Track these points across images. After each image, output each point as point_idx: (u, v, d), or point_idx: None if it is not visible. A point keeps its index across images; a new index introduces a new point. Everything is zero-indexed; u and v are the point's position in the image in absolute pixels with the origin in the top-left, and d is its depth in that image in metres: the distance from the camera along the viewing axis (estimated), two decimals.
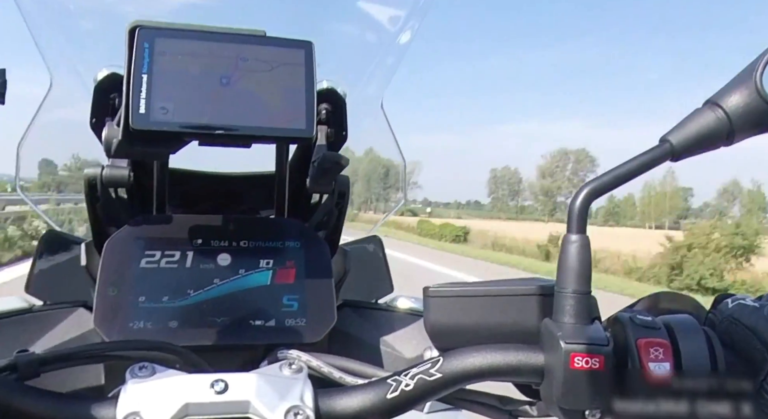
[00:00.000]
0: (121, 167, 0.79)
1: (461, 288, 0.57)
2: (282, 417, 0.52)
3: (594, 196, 0.50)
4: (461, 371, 0.52)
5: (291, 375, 0.57)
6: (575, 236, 0.49)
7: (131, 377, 0.54)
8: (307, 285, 0.80)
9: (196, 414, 0.51)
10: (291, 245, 0.82)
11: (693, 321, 0.51)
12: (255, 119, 0.63)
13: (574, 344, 0.47)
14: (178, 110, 0.61)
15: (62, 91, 0.90)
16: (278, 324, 0.77)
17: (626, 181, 0.51)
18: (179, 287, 0.76)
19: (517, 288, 0.56)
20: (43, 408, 0.50)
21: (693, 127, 0.52)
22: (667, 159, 0.52)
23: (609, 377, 0.48)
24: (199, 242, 0.80)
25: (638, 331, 0.49)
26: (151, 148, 0.64)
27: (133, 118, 0.59)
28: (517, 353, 0.51)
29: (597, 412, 0.49)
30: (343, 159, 0.78)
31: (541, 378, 0.51)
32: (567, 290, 0.49)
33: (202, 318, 0.75)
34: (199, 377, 0.54)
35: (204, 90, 0.62)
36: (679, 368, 0.48)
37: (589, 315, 0.49)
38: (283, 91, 0.64)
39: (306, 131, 0.64)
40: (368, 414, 0.54)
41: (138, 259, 0.77)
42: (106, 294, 0.74)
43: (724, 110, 0.51)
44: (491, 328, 0.56)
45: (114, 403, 0.51)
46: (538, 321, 0.53)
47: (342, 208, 0.89)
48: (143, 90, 0.60)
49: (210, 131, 0.62)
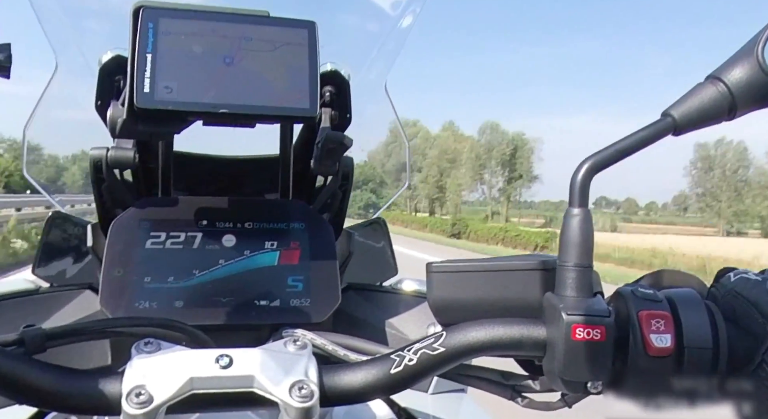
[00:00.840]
0: (126, 148, 0.79)
1: (464, 264, 0.57)
2: (286, 392, 0.52)
3: (596, 170, 0.50)
4: (464, 345, 0.52)
5: (295, 351, 0.57)
6: (577, 210, 0.50)
7: (137, 352, 0.54)
8: (312, 266, 0.81)
9: (201, 388, 0.52)
10: (296, 226, 0.83)
11: (695, 294, 0.52)
12: (258, 99, 0.63)
13: (576, 315, 0.48)
14: (182, 89, 0.61)
15: (67, 73, 0.90)
16: (283, 304, 0.78)
17: (627, 155, 0.51)
18: (185, 268, 0.77)
19: (519, 263, 0.56)
20: (49, 382, 0.50)
21: (695, 101, 0.52)
22: (668, 133, 0.52)
23: (610, 349, 0.48)
24: (205, 223, 0.80)
25: (640, 303, 0.50)
26: (155, 127, 0.65)
27: (138, 97, 0.60)
28: (519, 327, 0.52)
29: (599, 384, 0.49)
30: (346, 139, 0.79)
31: (543, 352, 0.51)
32: (569, 264, 0.49)
33: (208, 298, 0.76)
34: (204, 352, 0.54)
35: (208, 69, 0.63)
36: (680, 340, 0.48)
37: (591, 289, 0.49)
38: (287, 71, 0.65)
39: (309, 110, 0.64)
40: (372, 389, 0.54)
41: (143, 240, 0.78)
42: (112, 275, 0.75)
43: (726, 84, 0.51)
44: (494, 303, 0.56)
45: (120, 377, 0.52)
46: (541, 296, 0.53)
47: (346, 189, 0.89)
48: (147, 69, 0.60)
49: (214, 110, 0.62)
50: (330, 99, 0.88)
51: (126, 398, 0.50)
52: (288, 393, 0.52)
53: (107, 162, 0.79)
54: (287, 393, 0.52)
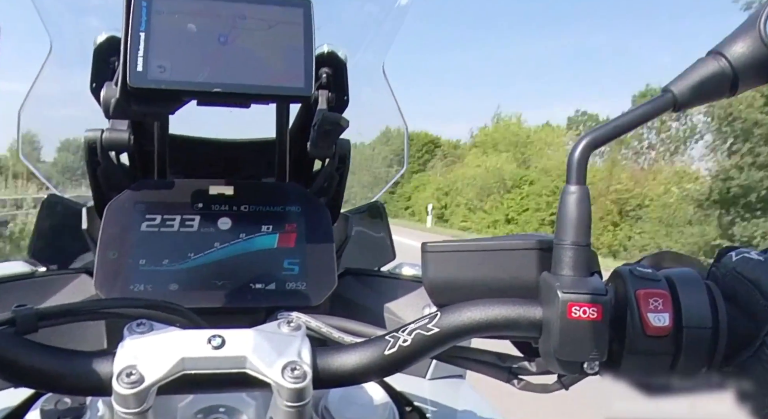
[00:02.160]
0: (121, 130, 0.79)
1: (459, 243, 0.57)
2: (279, 373, 0.52)
3: (594, 146, 0.49)
4: (459, 325, 0.52)
5: (289, 333, 0.57)
6: (574, 187, 0.49)
7: (129, 333, 0.54)
8: (308, 249, 0.80)
9: (193, 368, 0.51)
10: (292, 209, 0.82)
11: (694, 273, 0.51)
12: (253, 78, 0.63)
13: (572, 294, 0.47)
14: (176, 68, 0.61)
15: (62, 55, 0.89)
16: (279, 287, 0.77)
17: (627, 131, 0.50)
18: (180, 250, 0.76)
19: (515, 242, 0.55)
20: (40, 361, 0.50)
21: (696, 77, 0.51)
22: (669, 109, 0.51)
23: (607, 328, 0.47)
24: (200, 206, 0.80)
25: (637, 283, 0.49)
26: (149, 107, 0.64)
27: (131, 76, 0.59)
28: (515, 307, 0.51)
29: (595, 364, 0.48)
30: (342, 120, 0.78)
31: (539, 333, 0.50)
32: (566, 242, 0.49)
33: (203, 281, 0.76)
34: (196, 332, 0.54)
35: (202, 48, 0.62)
36: (678, 320, 0.47)
37: (589, 268, 0.49)
38: (282, 50, 0.64)
39: (305, 90, 0.64)
40: (366, 371, 0.54)
41: (139, 223, 0.77)
42: (107, 258, 0.74)
43: (728, 59, 0.50)
44: (490, 283, 0.55)
45: (111, 358, 0.51)
46: (537, 276, 0.53)
47: (343, 173, 0.88)
48: (141, 48, 0.60)
49: (208, 89, 0.61)
50: (327, 81, 0.87)
51: (117, 378, 0.49)
52: (280, 374, 0.52)
53: (102, 144, 0.78)
54: (280, 374, 0.52)
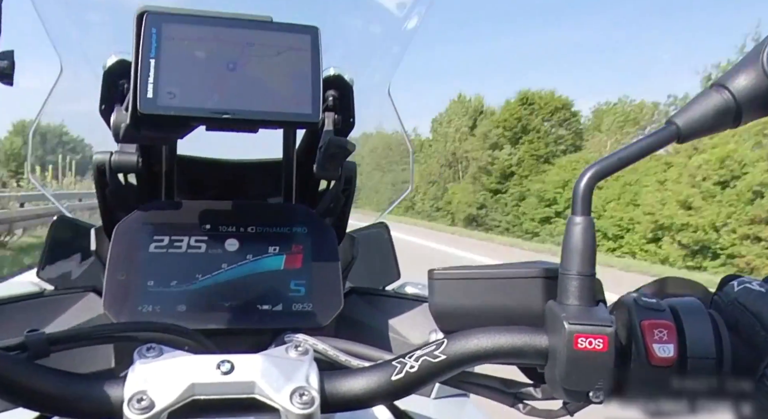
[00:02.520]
0: (130, 153, 0.79)
1: (466, 271, 0.57)
2: (287, 398, 0.52)
3: (598, 177, 0.50)
4: (465, 353, 0.52)
5: (297, 357, 0.57)
6: (579, 218, 0.49)
7: (139, 357, 0.54)
8: (315, 270, 0.81)
9: (202, 393, 0.52)
10: (298, 231, 0.83)
11: (698, 303, 0.51)
12: (261, 104, 0.63)
13: (578, 325, 0.47)
14: (185, 94, 0.61)
15: (72, 77, 0.90)
16: (285, 308, 0.78)
17: (631, 163, 0.51)
18: (187, 271, 0.77)
19: (521, 270, 0.56)
20: (51, 386, 0.50)
21: (699, 109, 0.52)
22: (672, 141, 0.52)
23: (612, 358, 0.47)
24: (208, 227, 0.80)
25: (643, 313, 0.49)
26: (158, 132, 0.65)
27: (141, 102, 0.60)
28: (521, 335, 0.52)
29: (600, 393, 0.49)
30: (349, 144, 0.79)
31: (545, 361, 0.51)
32: (571, 272, 0.49)
33: (210, 302, 0.76)
34: (205, 358, 0.54)
35: (211, 75, 0.63)
36: (683, 350, 0.48)
37: (593, 297, 0.49)
38: (290, 76, 0.65)
39: (312, 116, 0.64)
40: (373, 396, 0.54)
41: (147, 244, 0.78)
42: (116, 279, 0.75)
43: (731, 92, 0.51)
44: (496, 311, 0.56)
45: (122, 382, 0.52)
46: (543, 304, 0.53)
47: (349, 194, 0.89)
48: (151, 74, 0.60)
49: (217, 115, 0.62)
50: (333, 103, 0.88)
51: (128, 403, 0.50)
52: (289, 399, 0.52)
53: (111, 166, 0.79)
54: (288, 400, 0.52)
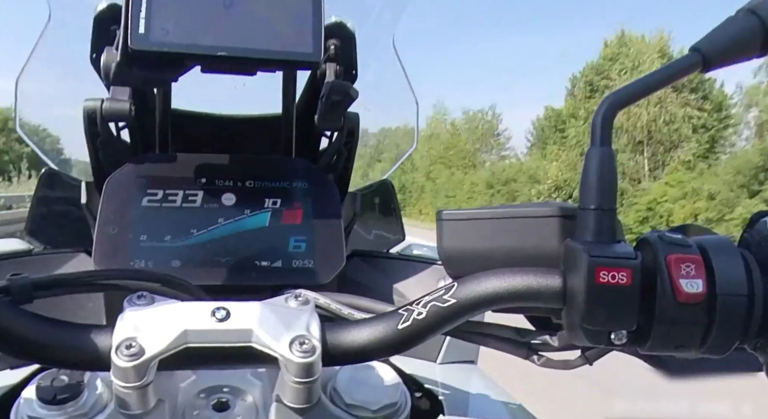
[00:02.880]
0: (122, 100, 0.76)
1: (477, 211, 0.54)
2: (286, 347, 0.49)
3: (618, 106, 0.46)
4: (477, 296, 0.49)
5: (297, 307, 0.55)
6: (599, 149, 0.46)
7: (129, 305, 0.51)
8: (315, 226, 0.78)
9: (196, 341, 0.49)
10: (298, 185, 0.80)
11: (728, 240, 0.48)
12: (259, 42, 0.60)
13: (600, 258, 0.44)
14: (180, 31, 0.58)
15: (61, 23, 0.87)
16: (285, 265, 0.75)
17: (653, 91, 0.48)
18: (182, 226, 0.74)
19: (536, 209, 0.52)
20: (35, 332, 0.48)
21: (725, 35, 0.48)
22: (696, 69, 0.48)
23: (637, 294, 0.44)
24: (203, 181, 0.77)
25: (668, 248, 0.46)
26: (151, 72, 0.62)
27: (132, 38, 0.57)
28: (536, 276, 0.48)
29: (623, 334, 0.45)
30: (352, 89, 0.75)
31: (563, 303, 0.47)
32: (590, 206, 0.46)
33: (206, 257, 0.74)
34: (199, 304, 0.52)
35: (207, 11, 0.60)
36: (712, 287, 0.44)
37: (614, 234, 0.46)
38: (290, 14, 0.61)
39: (313, 55, 0.61)
40: (379, 346, 0.51)
41: (140, 198, 0.75)
42: (106, 233, 0.72)
43: (760, 17, 0.48)
44: (509, 253, 0.52)
45: (110, 330, 0.49)
46: (559, 245, 0.50)
47: (351, 147, 0.86)
48: (143, 9, 0.57)
49: (212, 53, 0.59)
50: (335, 53, 0.85)
51: (116, 350, 0.47)
52: (288, 348, 0.49)
53: (102, 114, 0.76)
54: (287, 348, 0.49)
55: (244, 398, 0.64)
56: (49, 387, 0.56)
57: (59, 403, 0.55)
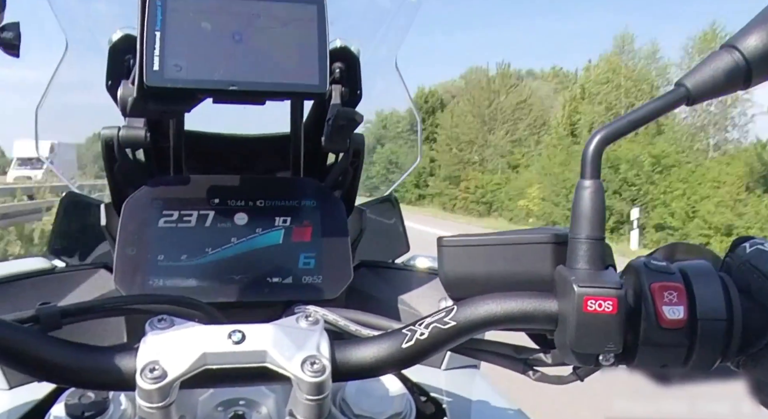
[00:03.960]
0: (138, 127, 0.80)
1: (475, 238, 0.57)
2: (298, 367, 0.53)
3: (608, 141, 0.49)
4: (475, 319, 0.52)
5: (307, 327, 0.58)
6: (589, 182, 0.49)
7: (151, 329, 0.55)
8: (324, 243, 0.81)
9: (214, 363, 0.52)
10: (307, 204, 0.83)
11: (709, 266, 0.51)
12: (268, 75, 0.63)
13: (588, 288, 0.47)
14: (192, 67, 0.61)
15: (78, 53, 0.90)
16: (295, 281, 0.78)
17: (640, 125, 0.50)
18: (197, 246, 0.77)
19: (531, 236, 0.56)
20: (64, 358, 0.51)
21: (709, 70, 0.51)
22: (682, 103, 0.51)
23: (622, 321, 0.47)
24: (216, 202, 0.80)
25: (652, 276, 0.49)
26: (165, 105, 0.65)
27: (148, 75, 0.60)
28: (530, 300, 0.52)
29: (610, 356, 0.49)
30: (357, 115, 0.79)
31: (555, 325, 0.51)
32: (580, 236, 0.49)
33: (220, 275, 0.77)
34: (217, 328, 0.55)
35: (217, 47, 0.62)
36: (693, 312, 0.48)
37: (603, 262, 0.49)
38: (296, 48, 0.64)
39: (319, 87, 0.64)
40: (384, 364, 0.55)
41: (156, 219, 0.78)
42: (126, 254, 0.75)
43: (742, 53, 0.50)
44: (505, 277, 0.56)
45: (134, 353, 0.52)
46: (552, 270, 0.53)
47: (357, 166, 0.89)
48: (157, 47, 0.60)
49: (224, 88, 0.62)
50: (340, 75, 0.88)
51: (140, 373, 0.50)
52: (300, 368, 0.53)
53: (119, 141, 0.79)
54: (299, 368, 0.53)
55: (259, 410, 0.67)
56: (77, 404, 0.59)
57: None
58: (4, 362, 0.51)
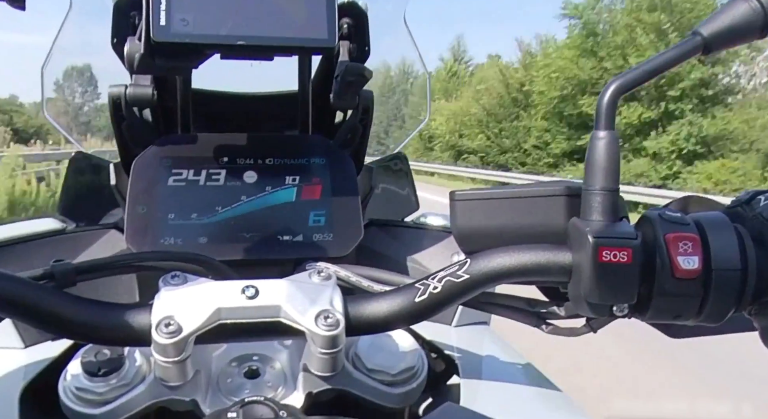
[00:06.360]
0: (145, 85, 0.79)
1: (488, 191, 0.57)
2: (312, 321, 0.53)
3: (622, 90, 0.49)
4: (488, 272, 0.52)
5: (320, 282, 0.58)
6: (603, 132, 0.48)
7: (164, 285, 0.55)
8: (334, 201, 0.81)
9: (228, 318, 0.53)
10: (316, 162, 0.83)
11: (723, 217, 0.50)
12: (276, 30, 0.62)
13: (602, 238, 0.47)
14: (199, 21, 0.60)
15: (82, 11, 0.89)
16: (306, 239, 0.78)
17: (655, 75, 0.49)
18: (207, 204, 0.78)
19: (543, 189, 0.55)
20: (80, 314, 0.51)
21: (725, 18, 0.50)
22: (698, 52, 0.50)
23: (637, 271, 0.47)
24: (225, 160, 0.80)
25: (667, 226, 0.49)
26: (173, 61, 0.64)
27: (154, 30, 0.59)
28: (544, 252, 0.51)
29: (624, 307, 0.49)
30: (366, 70, 0.78)
31: (569, 277, 0.51)
32: (594, 187, 0.49)
33: (231, 233, 0.77)
34: (230, 283, 0.55)
35: (224, 1, 0.61)
36: (707, 262, 0.47)
37: (617, 213, 0.49)
38: (304, 2, 0.63)
39: (328, 41, 0.63)
40: (397, 318, 0.55)
41: (165, 178, 0.78)
42: (136, 213, 0.76)
43: (759, 1, 0.49)
44: (518, 231, 0.55)
45: (149, 309, 0.53)
46: (566, 222, 0.53)
47: (366, 123, 0.88)
48: (163, 2, 0.59)
49: (231, 42, 0.61)
50: (348, 31, 0.87)
51: (156, 328, 0.51)
52: (314, 322, 0.53)
53: (126, 99, 0.79)
54: (313, 322, 0.53)
55: (273, 365, 0.68)
56: (93, 362, 0.60)
57: (103, 375, 0.60)
58: (20, 318, 0.52)
